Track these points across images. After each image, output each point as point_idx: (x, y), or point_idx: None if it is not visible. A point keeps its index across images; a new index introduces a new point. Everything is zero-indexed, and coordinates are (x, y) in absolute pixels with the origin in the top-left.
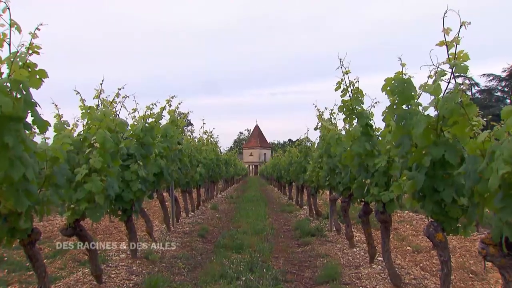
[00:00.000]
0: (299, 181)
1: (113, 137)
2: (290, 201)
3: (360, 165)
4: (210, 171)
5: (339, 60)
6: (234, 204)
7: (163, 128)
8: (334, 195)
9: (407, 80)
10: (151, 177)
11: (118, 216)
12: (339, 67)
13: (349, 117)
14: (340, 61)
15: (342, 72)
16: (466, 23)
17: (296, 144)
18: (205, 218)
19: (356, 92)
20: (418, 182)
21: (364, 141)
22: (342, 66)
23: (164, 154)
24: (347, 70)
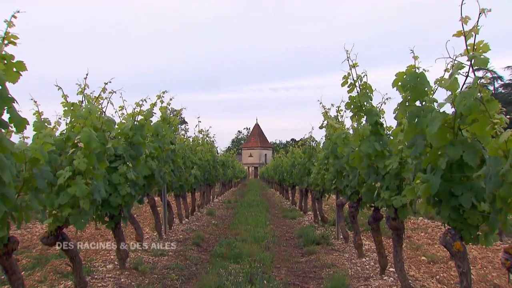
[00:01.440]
0: (303, 185)
1: (99, 136)
2: (293, 206)
3: (370, 167)
4: (206, 174)
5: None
6: (232, 210)
7: (154, 127)
8: (341, 199)
9: (420, 74)
10: (141, 180)
11: (105, 222)
12: (346, 60)
13: (357, 115)
14: (346, 53)
15: (349, 65)
16: (486, 10)
17: (300, 144)
18: (201, 224)
19: (365, 87)
20: (433, 186)
21: (374, 140)
22: (348, 59)
23: (155, 154)
24: (354, 63)
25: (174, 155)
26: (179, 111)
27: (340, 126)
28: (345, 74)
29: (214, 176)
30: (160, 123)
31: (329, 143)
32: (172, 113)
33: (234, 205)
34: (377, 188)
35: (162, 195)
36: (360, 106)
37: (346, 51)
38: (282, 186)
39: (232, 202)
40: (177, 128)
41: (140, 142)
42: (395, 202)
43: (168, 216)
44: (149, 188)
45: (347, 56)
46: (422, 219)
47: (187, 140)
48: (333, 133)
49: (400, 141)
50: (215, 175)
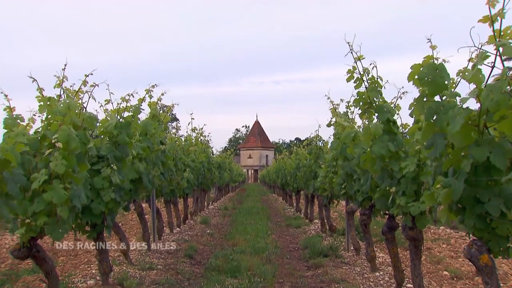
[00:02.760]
0: (309, 189)
1: (79, 135)
2: (297, 213)
3: (383, 169)
4: (200, 177)
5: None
6: (229, 217)
7: (142, 124)
8: (352, 206)
9: (440, 66)
10: (127, 185)
11: (85, 232)
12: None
13: (367, 112)
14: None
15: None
16: None
17: (305, 144)
18: (194, 234)
19: (373, 82)
20: (455, 191)
21: (387, 140)
22: (352, 51)
23: (143, 156)
24: (359, 56)
25: (165, 157)
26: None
27: (350, 124)
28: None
29: (209, 180)
30: (149, 120)
31: (337, 143)
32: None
33: (231, 212)
34: (392, 194)
35: (151, 201)
36: (369, 102)
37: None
38: (285, 191)
39: (229, 209)
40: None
41: (126, 141)
42: (413, 209)
43: (158, 224)
44: (136, 194)
45: (350, 49)
46: (443, 228)
47: (179, 140)
48: (342, 132)
49: (417, 140)
50: (210, 178)
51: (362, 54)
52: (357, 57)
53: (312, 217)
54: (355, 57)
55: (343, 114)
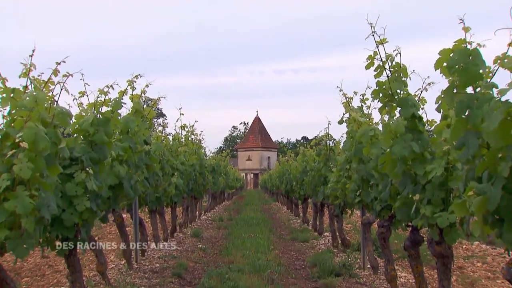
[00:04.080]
0: (318, 197)
1: (49, 134)
2: (304, 225)
3: (405, 174)
4: (191, 183)
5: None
6: (224, 230)
7: (123, 121)
8: (368, 216)
9: (473, 52)
10: (105, 191)
11: (55, 248)
12: (371, 35)
13: (388, 106)
14: (371, 26)
15: (375, 42)
16: None
17: (313, 144)
18: (183, 249)
19: (397, 70)
20: (491, 199)
21: (411, 139)
22: (374, 34)
23: (124, 158)
24: (382, 39)
25: (149, 159)
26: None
27: (367, 120)
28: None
29: (201, 186)
30: (131, 116)
31: (351, 143)
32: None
33: (227, 223)
34: (415, 202)
35: (133, 211)
36: (391, 94)
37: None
38: (290, 199)
39: (224, 220)
40: (153, 123)
41: (105, 141)
42: (440, 220)
43: (141, 238)
44: (116, 202)
45: (372, 31)
46: (478, 244)
47: (166, 139)
48: (357, 130)
49: (445, 140)
50: (202, 184)
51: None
52: (380, 41)
53: (322, 230)
54: (377, 41)
55: (358, 109)
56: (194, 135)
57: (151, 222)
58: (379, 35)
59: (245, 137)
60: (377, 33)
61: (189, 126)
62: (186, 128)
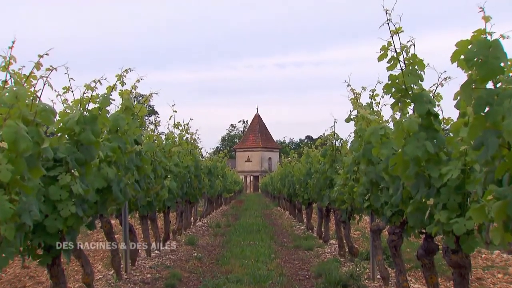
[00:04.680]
0: (323, 202)
1: (31, 133)
2: (308, 232)
3: (419, 176)
4: (185, 186)
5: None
6: (222, 237)
7: (112, 119)
8: (378, 223)
9: (494, 44)
10: (92, 195)
11: (37, 257)
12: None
13: (401, 102)
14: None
15: (389, 31)
16: None
17: (318, 144)
18: (177, 258)
19: (412, 63)
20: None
21: (425, 138)
22: (389, 22)
23: (113, 159)
24: (397, 28)
25: (140, 160)
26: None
27: (376, 117)
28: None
29: (196, 189)
30: (120, 114)
31: (360, 143)
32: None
33: (225, 230)
34: (429, 207)
35: (122, 217)
36: (405, 89)
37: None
38: (293, 203)
39: (222, 226)
40: (144, 122)
41: (92, 141)
42: (456, 227)
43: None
44: (104, 207)
45: (387, 19)
46: (498, 253)
47: (159, 138)
48: (365, 128)
49: (463, 139)
50: (198, 187)
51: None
52: (395, 30)
53: (328, 237)
54: (392, 30)
55: (367, 105)
56: (188, 134)
57: (142, 229)
58: (394, 23)
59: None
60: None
61: (183, 125)
62: (180, 127)
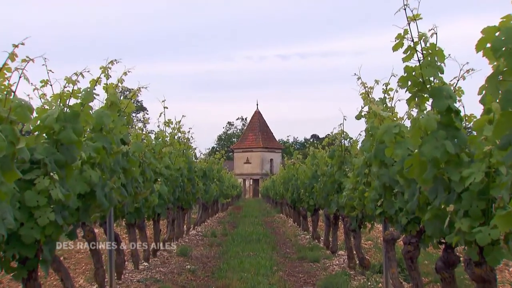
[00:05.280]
0: (331, 208)
1: (4, 131)
2: (314, 241)
3: (437, 179)
4: (178, 190)
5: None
6: (218, 247)
7: (96, 116)
8: (392, 231)
9: None
10: (73, 201)
11: (11, 271)
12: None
13: (418, 97)
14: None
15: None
16: None
17: (325, 144)
18: (168, 271)
19: (431, 53)
20: None
21: (444, 138)
22: (406, 7)
23: (97, 160)
24: (415, 15)
25: (127, 161)
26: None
27: (390, 114)
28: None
29: (190, 194)
30: (105, 110)
31: (371, 142)
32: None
33: (221, 240)
34: (449, 214)
35: (107, 225)
36: (422, 82)
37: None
38: (298, 210)
39: (218, 236)
40: (131, 119)
41: (73, 140)
42: (480, 236)
43: (116, 258)
44: (86, 214)
45: (404, 4)
46: None
47: (148, 138)
48: (378, 126)
49: (487, 138)
50: (191, 192)
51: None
52: (412, 16)
53: (336, 247)
54: (409, 16)
55: (380, 101)
56: (181, 133)
57: (129, 239)
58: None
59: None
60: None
61: (175, 122)
62: (171, 125)
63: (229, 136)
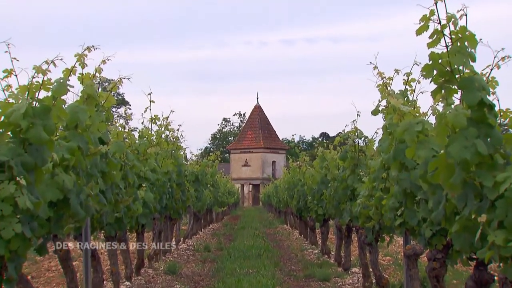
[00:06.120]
0: (343, 218)
1: None
2: (324, 257)
3: (467, 185)
4: (165, 198)
5: None
6: (212, 263)
7: (70, 111)
8: (414, 246)
9: None
10: (43, 211)
11: None
12: None
13: (445, 88)
14: None
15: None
16: None
17: (336, 144)
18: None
19: (461, 38)
20: None
21: (475, 136)
22: None
23: (71, 163)
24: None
25: (107, 164)
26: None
27: (412, 109)
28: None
29: (179, 202)
30: (81, 104)
31: (390, 141)
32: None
33: (216, 255)
34: (481, 225)
35: (83, 238)
36: (450, 72)
37: None
38: (305, 220)
39: (212, 250)
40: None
41: (43, 139)
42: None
43: (93, 276)
44: (59, 225)
45: None
46: None
47: (131, 136)
48: (398, 123)
49: None
50: (181, 199)
51: None
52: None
53: (349, 264)
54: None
55: (400, 94)
56: (169, 131)
57: (108, 254)
58: None
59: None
60: None
61: (162, 119)
62: (158, 122)
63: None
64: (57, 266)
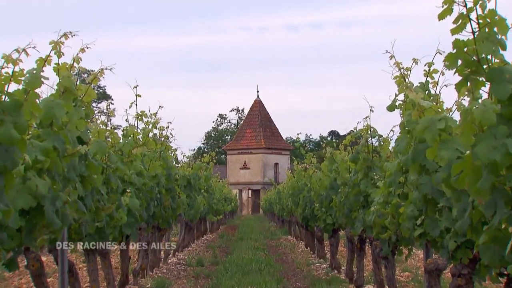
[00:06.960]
0: (355, 228)
1: None
2: (334, 272)
3: (496, 190)
4: (153, 205)
5: None
6: (205, 280)
7: (44, 106)
8: (436, 259)
9: None
10: (14, 220)
11: None
12: None
13: (471, 80)
14: None
15: None
16: None
17: (347, 144)
18: None
19: (489, 23)
20: None
21: (505, 135)
22: None
23: (46, 165)
24: None
25: (86, 167)
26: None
27: (433, 104)
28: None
29: (169, 210)
30: (57, 99)
31: (408, 141)
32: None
33: (210, 270)
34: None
35: (59, 251)
36: (477, 61)
37: None
38: (311, 230)
39: (206, 264)
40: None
41: (14, 138)
42: None
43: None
44: (31, 237)
45: None
46: None
47: (113, 135)
48: (417, 120)
49: None
50: (171, 207)
51: None
52: None
53: (362, 280)
54: None
55: (420, 87)
56: (157, 130)
57: (88, 269)
58: None
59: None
60: None
61: (149, 115)
62: (145, 118)
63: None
64: (29, 283)
